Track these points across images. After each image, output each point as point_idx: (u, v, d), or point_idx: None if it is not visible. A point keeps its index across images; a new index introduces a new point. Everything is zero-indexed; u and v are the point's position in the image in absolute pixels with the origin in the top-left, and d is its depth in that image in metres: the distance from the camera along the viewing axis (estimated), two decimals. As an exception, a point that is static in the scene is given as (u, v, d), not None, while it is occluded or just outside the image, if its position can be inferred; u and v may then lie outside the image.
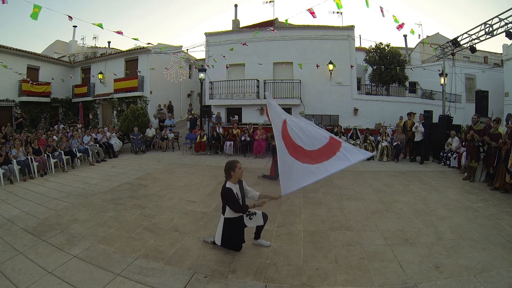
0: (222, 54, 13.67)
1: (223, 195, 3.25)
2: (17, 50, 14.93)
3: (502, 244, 3.48)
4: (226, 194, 3.20)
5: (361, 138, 9.64)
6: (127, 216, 4.56)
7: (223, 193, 3.26)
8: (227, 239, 3.33)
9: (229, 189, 3.20)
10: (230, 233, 3.29)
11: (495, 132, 6.13)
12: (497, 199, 5.24)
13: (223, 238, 3.32)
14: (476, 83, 17.49)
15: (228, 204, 3.22)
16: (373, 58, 15.67)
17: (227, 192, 3.19)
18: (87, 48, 22.29)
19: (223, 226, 3.30)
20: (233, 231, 3.28)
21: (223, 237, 3.31)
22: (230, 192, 3.18)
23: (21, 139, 8.71)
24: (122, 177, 7.17)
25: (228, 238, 3.32)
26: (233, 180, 3.30)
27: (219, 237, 3.34)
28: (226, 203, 3.25)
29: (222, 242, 3.34)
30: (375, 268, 3.01)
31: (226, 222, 3.28)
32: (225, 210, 3.29)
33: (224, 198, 3.24)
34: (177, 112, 17.62)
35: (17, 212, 4.74)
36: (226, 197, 3.21)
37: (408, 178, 6.92)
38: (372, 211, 4.71)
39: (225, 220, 3.28)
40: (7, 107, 14.63)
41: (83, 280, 2.83)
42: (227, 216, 3.27)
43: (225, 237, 3.31)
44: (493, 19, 8.51)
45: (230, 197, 3.17)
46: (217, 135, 10.85)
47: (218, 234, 3.36)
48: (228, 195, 3.18)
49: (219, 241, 3.35)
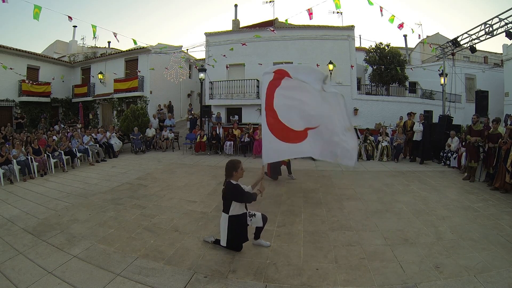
0: (222, 54, 13.68)
1: (231, 191, 3.20)
2: (17, 50, 14.93)
3: (502, 244, 3.48)
4: (235, 189, 3.19)
5: (361, 138, 9.64)
6: (127, 216, 4.56)
7: (230, 189, 3.20)
8: (233, 238, 3.27)
9: (237, 184, 3.22)
10: (236, 232, 3.25)
11: (494, 132, 6.14)
12: (497, 199, 5.24)
13: (229, 238, 3.25)
14: (476, 83, 17.49)
15: (237, 199, 3.20)
16: (373, 58, 15.68)
17: (236, 188, 3.19)
18: (87, 48, 22.29)
19: (228, 225, 3.23)
20: (238, 229, 3.25)
21: (228, 237, 3.25)
22: (239, 187, 3.21)
23: (21, 139, 8.72)
24: (122, 177, 7.17)
25: (233, 237, 3.26)
26: (234, 179, 3.29)
27: (224, 237, 3.26)
28: (234, 199, 3.21)
29: (227, 243, 3.27)
30: (375, 268, 3.01)
31: (231, 220, 3.23)
32: (229, 209, 3.23)
33: (233, 194, 3.20)
34: (177, 112, 17.62)
35: (17, 212, 4.74)
36: (235, 193, 3.19)
37: (408, 178, 6.92)
38: (372, 211, 4.71)
39: (229, 218, 3.23)
40: (7, 107, 14.64)
41: (83, 280, 2.82)
42: (233, 214, 3.23)
43: (230, 236, 3.25)
44: (493, 19, 8.52)
45: (240, 191, 3.19)
46: (216, 135, 10.85)
47: (223, 235, 3.28)
48: (237, 190, 3.19)
49: (224, 242, 3.27)
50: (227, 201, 3.26)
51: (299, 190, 5.92)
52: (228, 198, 3.25)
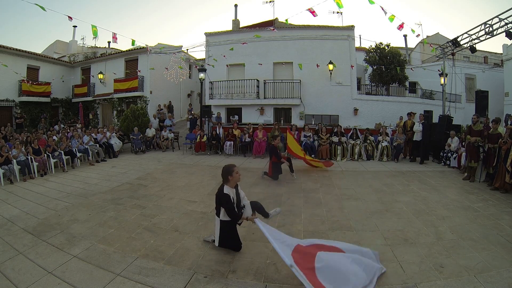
0: (222, 54, 13.67)
1: (220, 199, 3.26)
2: (17, 50, 14.93)
3: (502, 244, 3.48)
4: (222, 199, 3.21)
5: (361, 138, 9.64)
6: (127, 216, 4.55)
7: (219, 197, 3.27)
8: (225, 240, 3.37)
9: (227, 195, 3.20)
10: (227, 235, 3.34)
11: (494, 132, 6.13)
12: (497, 199, 5.24)
13: (221, 240, 3.37)
14: (476, 83, 17.48)
15: (224, 208, 3.25)
16: (373, 58, 15.66)
17: (224, 198, 3.20)
18: (87, 48, 22.29)
19: (219, 228, 3.34)
20: (229, 232, 3.34)
21: (220, 238, 3.36)
22: (228, 198, 3.19)
23: (21, 139, 8.72)
24: (122, 177, 7.17)
25: (225, 239, 3.37)
26: (231, 184, 3.31)
27: (217, 238, 3.39)
28: (222, 206, 3.26)
29: (219, 243, 3.38)
30: (375, 268, 3.00)
31: (222, 224, 3.32)
32: (219, 212, 3.32)
33: (221, 202, 3.25)
34: (177, 112, 17.62)
35: (17, 212, 4.74)
36: (222, 203, 3.23)
37: (408, 178, 6.92)
38: (372, 211, 4.71)
39: (221, 222, 3.33)
40: (7, 107, 14.64)
41: (83, 280, 2.83)
42: (222, 219, 3.31)
43: (221, 238, 3.36)
44: (493, 19, 8.51)
45: (227, 203, 3.18)
46: (216, 135, 10.84)
47: (216, 236, 3.40)
48: (225, 201, 3.19)
49: (217, 242, 3.39)
50: (218, 205, 3.33)
51: (299, 190, 5.92)
52: (217, 202, 3.33)
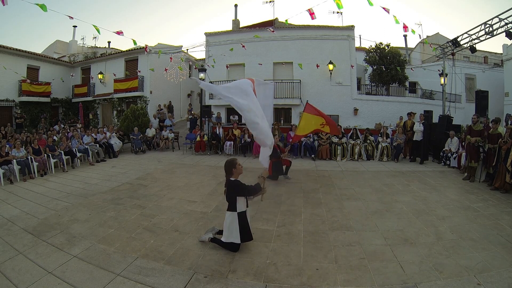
0: (222, 54, 13.67)
1: (233, 187, 3.33)
2: (17, 50, 14.93)
3: (502, 244, 3.48)
4: (236, 186, 3.32)
5: (361, 138, 9.64)
6: (127, 216, 4.56)
7: (231, 185, 3.34)
8: (245, 233, 3.38)
9: (237, 181, 3.35)
10: (245, 226, 3.39)
11: (494, 132, 6.13)
12: (497, 199, 5.24)
13: (242, 233, 3.34)
14: (476, 83, 17.47)
15: (240, 193, 3.33)
16: (373, 58, 15.66)
17: (236, 184, 3.33)
18: (87, 48, 22.28)
19: (238, 222, 3.33)
20: (245, 224, 3.40)
21: (241, 232, 3.34)
22: (239, 182, 3.34)
23: (21, 139, 8.71)
24: (122, 177, 7.17)
25: (245, 232, 3.38)
26: (235, 176, 3.41)
27: (237, 234, 3.32)
28: (237, 193, 3.33)
29: (241, 238, 3.35)
30: (375, 268, 3.01)
31: (241, 216, 3.36)
32: (235, 206, 3.34)
33: (235, 189, 3.33)
34: (177, 112, 17.62)
35: (17, 212, 4.74)
36: (236, 188, 3.32)
37: (408, 178, 6.92)
38: (372, 211, 4.71)
39: (239, 215, 3.35)
40: (7, 107, 14.64)
41: (83, 280, 2.83)
42: (241, 210, 3.36)
43: (242, 232, 3.35)
44: (493, 19, 8.51)
45: (242, 186, 3.33)
46: (215, 135, 10.84)
47: (236, 232, 3.33)
48: (239, 186, 3.32)
49: (238, 239, 3.33)
50: (232, 198, 3.36)
51: (299, 190, 5.92)
52: (231, 195, 3.36)
